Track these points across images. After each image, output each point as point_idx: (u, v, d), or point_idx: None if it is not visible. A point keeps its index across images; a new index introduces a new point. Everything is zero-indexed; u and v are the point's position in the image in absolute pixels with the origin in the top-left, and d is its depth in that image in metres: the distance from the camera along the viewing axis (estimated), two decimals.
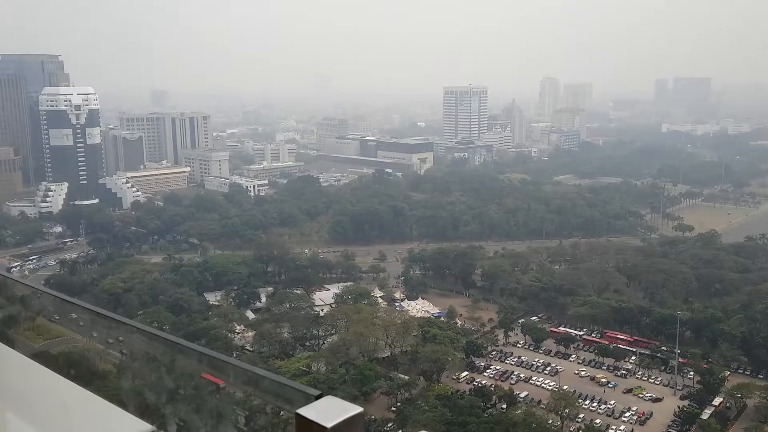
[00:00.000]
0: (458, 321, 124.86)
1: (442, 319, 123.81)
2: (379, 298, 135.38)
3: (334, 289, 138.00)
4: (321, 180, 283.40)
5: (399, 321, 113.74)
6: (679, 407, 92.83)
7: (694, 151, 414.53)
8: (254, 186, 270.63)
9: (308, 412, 3.77)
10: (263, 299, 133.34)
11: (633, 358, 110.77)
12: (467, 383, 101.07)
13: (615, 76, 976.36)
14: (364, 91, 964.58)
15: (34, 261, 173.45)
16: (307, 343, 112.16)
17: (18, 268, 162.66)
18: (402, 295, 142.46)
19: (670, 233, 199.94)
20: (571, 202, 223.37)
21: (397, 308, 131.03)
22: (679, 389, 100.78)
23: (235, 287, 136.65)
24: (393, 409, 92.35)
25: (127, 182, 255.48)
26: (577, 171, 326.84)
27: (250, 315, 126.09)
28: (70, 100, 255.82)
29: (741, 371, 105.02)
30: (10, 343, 6.15)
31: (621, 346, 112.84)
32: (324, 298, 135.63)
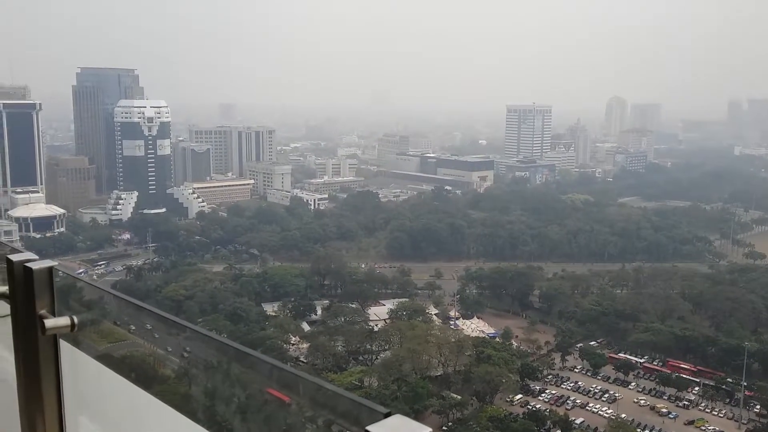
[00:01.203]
0: (514, 342, 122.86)
1: (497, 339, 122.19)
2: (434, 316, 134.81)
3: (389, 304, 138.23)
4: (380, 195, 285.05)
5: (453, 339, 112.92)
6: None
7: (767, 176, 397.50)
8: (314, 200, 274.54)
9: (378, 429, 3.74)
10: (319, 312, 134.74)
11: (696, 388, 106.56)
12: (521, 406, 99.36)
13: (686, 96, 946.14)
14: (426, 108, 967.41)
15: (103, 266, 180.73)
16: (360, 358, 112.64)
17: (85, 272, 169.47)
18: (457, 313, 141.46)
19: (740, 260, 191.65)
20: (636, 225, 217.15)
21: (452, 326, 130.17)
22: (743, 423, 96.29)
23: (292, 299, 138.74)
24: (444, 428, 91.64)
25: (193, 193, 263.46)
26: (643, 193, 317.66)
27: (306, 327, 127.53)
28: (143, 113, 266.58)
29: None
30: (77, 345, 6.58)
31: (684, 376, 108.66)
32: (379, 313, 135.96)
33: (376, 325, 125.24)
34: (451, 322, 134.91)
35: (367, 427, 3.85)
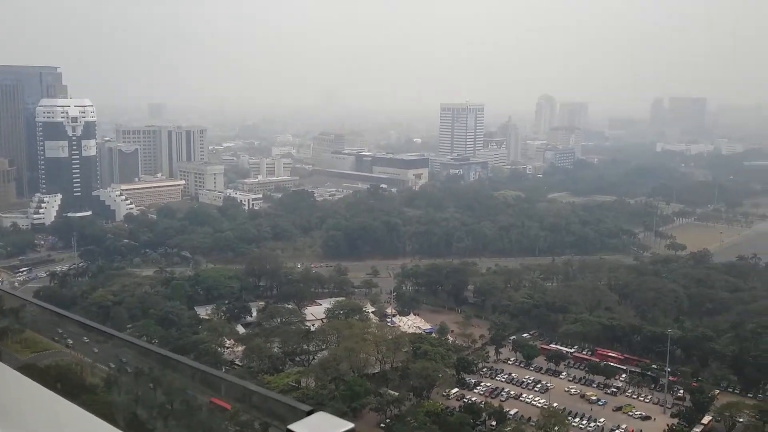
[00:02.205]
0: (449, 337, 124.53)
1: (433, 335, 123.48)
2: (371, 314, 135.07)
3: (326, 304, 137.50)
4: (315, 195, 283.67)
5: (390, 337, 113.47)
6: (668, 425, 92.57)
7: (688, 171, 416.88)
8: (248, 200, 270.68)
9: (299, 428, 3.72)
10: (254, 313, 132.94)
11: (623, 375, 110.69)
12: (457, 400, 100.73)
13: (611, 95, 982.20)
14: (363, 107, 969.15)
15: (25, 273, 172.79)
16: (297, 359, 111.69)
17: (3, 281, 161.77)
18: (394, 310, 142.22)
19: (663, 252, 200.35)
20: (565, 219, 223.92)
21: (389, 324, 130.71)
22: (668, 407, 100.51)
23: (226, 301, 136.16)
24: (382, 425, 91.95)
25: (121, 194, 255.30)
26: (572, 189, 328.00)
27: (241, 329, 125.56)
28: (66, 112, 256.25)
29: (731, 390, 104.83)
30: None
31: (611, 364, 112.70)
32: (315, 313, 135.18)
33: (313, 325, 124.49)
34: (388, 320, 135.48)
35: (289, 426, 3.77)
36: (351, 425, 3.94)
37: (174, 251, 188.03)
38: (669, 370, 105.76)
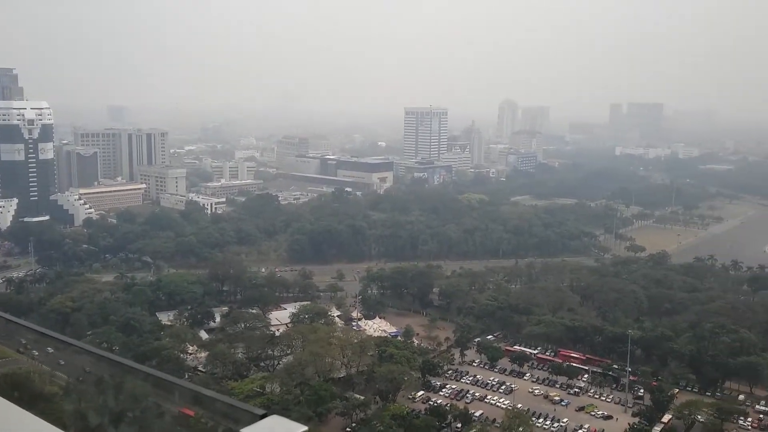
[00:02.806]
0: (415, 340, 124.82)
1: (399, 338, 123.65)
2: (336, 318, 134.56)
3: (291, 308, 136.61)
4: (280, 198, 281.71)
5: (356, 340, 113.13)
6: (629, 424, 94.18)
7: (646, 174, 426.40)
8: (211, 204, 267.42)
9: (252, 431, 3.74)
10: (218, 319, 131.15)
11: (585, 376, 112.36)
12: (423, 403, 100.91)
13: (571, 100, 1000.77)
14: (327, 110, 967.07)
15: None
16: (262, 364, 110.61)
17: None
18: (359, 314, 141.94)
19: (623, 253, 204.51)
20: (528, 222, 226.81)
21: (354, 328, 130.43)
22: (629, 407, 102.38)
23: (189, 307, 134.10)
24: (348, 429, 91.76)
25: (80, 199, 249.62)
26: (534, 192, 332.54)
27: (204, 335, 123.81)
28: (23, 115, 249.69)
29: (689, 389, 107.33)
30: None
31: (574, 365, 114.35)
32: (280, 317, 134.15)
33: (278, 330, 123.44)
34: (354, 323, 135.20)
35: (242, 430, 3.78)
36: (304, 428, 3.96)
37: (135, 256, 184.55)
38: (630, 369, 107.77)
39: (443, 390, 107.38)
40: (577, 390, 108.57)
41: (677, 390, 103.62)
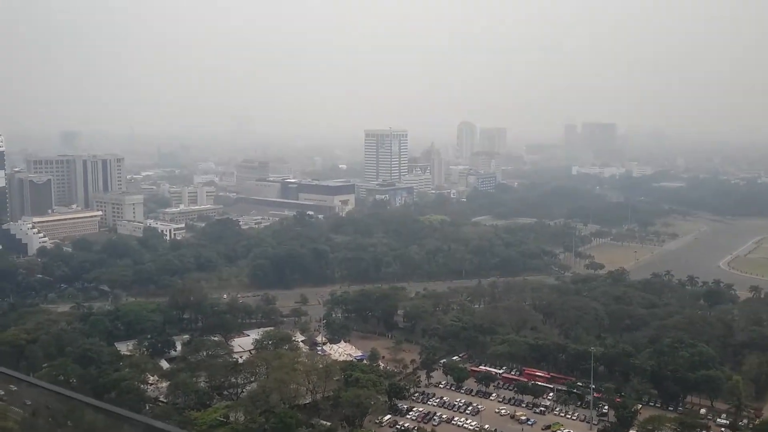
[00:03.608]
0: (381, 363, 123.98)
1: (364, 361, 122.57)
2: (301, 343, 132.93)
3: (254, 334, 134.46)
4: (241, 223, 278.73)
5: (321, 365, 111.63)
6: None
7: (602, 193, 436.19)
8: (170, 230, 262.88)
9: None
10: (179, 348, 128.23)
11: (551, 394, 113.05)
12: (390, 427, 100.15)
13: (528, 121, 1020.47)
14: (286, 132, 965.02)
15: None
16: (225, 392, 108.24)
17: None
18: (324, 338, 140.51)
19: (582, 271, 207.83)
20: (489, 242, 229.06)
21: (319, 352, 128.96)
22: (594, 424, 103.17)
23: (149, 336, 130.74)
24: None
25: (33, 227, 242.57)
26: (494, 212, 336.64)
27: (165, 364, 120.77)
28: None
29: (652, 404, 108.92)
30: None
31: (539, 383, 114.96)
32: (243, 344, 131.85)
33: (241, 357, 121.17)
34: (319, 348, 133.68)
35: None
36: None
37: (92, 285, 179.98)
38: (594, 386, 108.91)
39: (410, 413, 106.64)
40: (542, 409, 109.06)
41: (640, 406, 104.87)
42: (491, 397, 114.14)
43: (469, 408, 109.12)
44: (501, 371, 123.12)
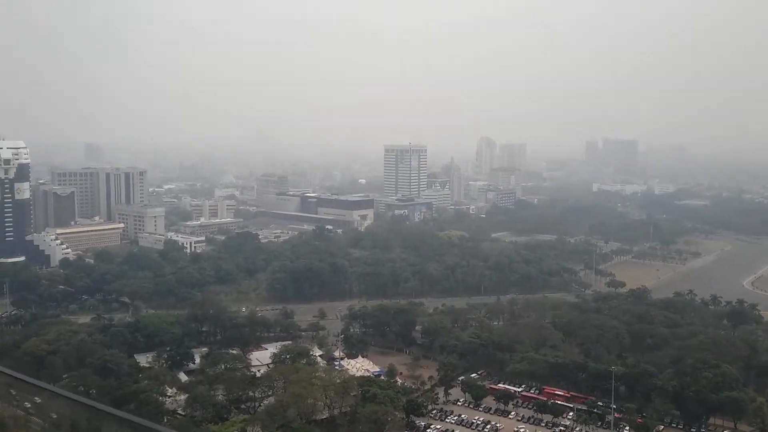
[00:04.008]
0: (398, 379, 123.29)
1: (382, 377, 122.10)
2: (318, 357, 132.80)
3: (272, 348, 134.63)
4: (260, 236, 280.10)
5: (338, 380, 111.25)
6: None
7: (623, 210, 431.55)
8: (190, 243, 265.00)
9: None
10: (197, 360, 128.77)
11: (571, 414, 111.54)
12: None
13: (548, 137, 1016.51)
14: (306, 146, 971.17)
15: None
16: (243, 406, 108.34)
17: None
18: (342, 353, 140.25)
19: (603, 289, 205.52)
20: (508, 258, 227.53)
21: (337, 367, 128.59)
22: None
23: (168, 348, 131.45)
24: None
25: (56, 239, 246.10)
26: (514, 228, 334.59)
27: (183, 377, 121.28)
28: None
29: (674, 425, 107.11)
30: None
31: (559, 402, 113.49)
32: (261, 358, 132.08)
33: (259, 371, 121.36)
34: (336, 363, 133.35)
35: None
36: None
37: (112, 297, 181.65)
38: (614, 406, 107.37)
39: (428, 430, 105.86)
40: (562, 428, 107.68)
41: (662, 426, 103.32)
42: (510, 416, 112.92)
43: (488, 426, 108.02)
44: (520, 389, 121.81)
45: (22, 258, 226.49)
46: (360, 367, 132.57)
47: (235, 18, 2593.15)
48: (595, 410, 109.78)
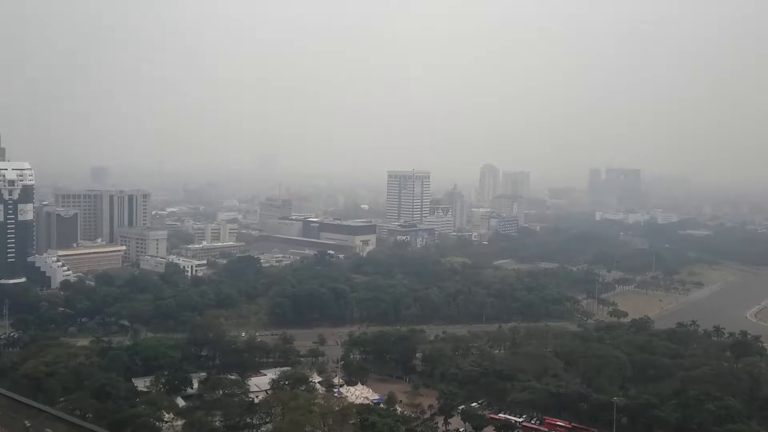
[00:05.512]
0: (398, 408, 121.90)
1: (381, 405, 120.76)
2: (318, 384, 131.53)
3: (271, 374, 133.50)
4: (262, 261, 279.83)
5: (337, 408, 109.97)
6: None
7: (626, 239, 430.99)
8: (192, 266, 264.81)
9: None
10: (195, 385, 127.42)
11: None
12: None
13: (552, 164, 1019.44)
14: (309, 171, 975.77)
15: None
16: None
17: None
18: (341, 380, 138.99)
19: (605, 318, 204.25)
20: (511, 286, 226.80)
21: (336, 394, 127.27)
22: None
23: (166, 372, 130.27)
24: None
25: (58, 260, 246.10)
26: (516, 256, 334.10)
27: (181, 402, 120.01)
28: (4, 175, 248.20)
29: None
30: None
31: None
32: (260, 383, 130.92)
33: (257, 397, 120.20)
34: (335, 390, 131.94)
35: None
36: None
37: (112, 320, 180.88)
38: None
39: None
40: None
41: None
42: None
43: None
44: (521, 420, 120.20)
45: (23, 279, 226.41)
46: (359, 394, 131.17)
47: (243, 42, 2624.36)
48: None
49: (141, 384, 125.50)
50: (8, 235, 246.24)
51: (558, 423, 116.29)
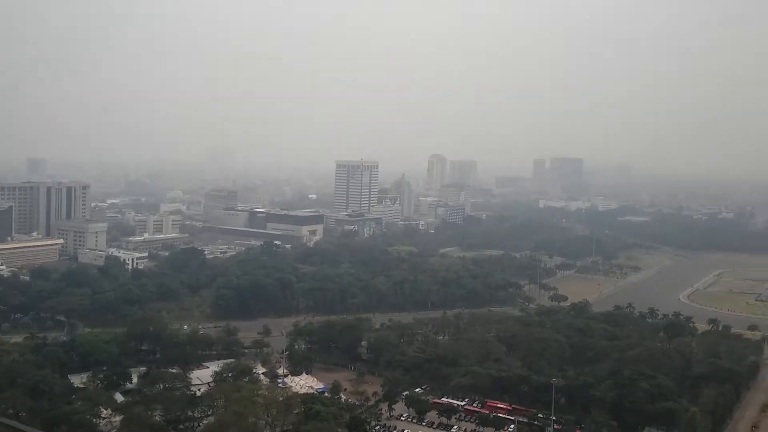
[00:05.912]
0: (342, 396, 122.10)
1: (326, 394, 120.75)
2: (262, 375, 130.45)
3: (214, 366, 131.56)
4: (206, 252, 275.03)
5: (281, 398, 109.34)
6: None
7: (568, 226, 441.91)
8: (132, 259, 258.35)
9: None
10: (135, 380, 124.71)
11: (512, 426, 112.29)
12: None
13: (498, 154, 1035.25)
14: (260, 162, 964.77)
15: None
16: (181, 426, 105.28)
17: None
18: (285, 370, 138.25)
19: (547, 303, 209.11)
20: (456, 273, 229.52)
21: (280, 385, 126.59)
22: None
23: (104, 368, 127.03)
24: None
25: None
26: (462, 243, 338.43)
27: (120, 397, 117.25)
28: None
29: None
30: None
31: (501, 415, 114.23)
32: (202, 376, 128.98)
33: (199, 390, 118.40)
34: (280, 380, 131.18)
35: None
36: None
37: (48, 315, 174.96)
38: (554, 418, 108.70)
39: None
40: None
41: None
42: (453, 430, 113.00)
43: None
44: (463, 403, 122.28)
45: None
46: (304, 384, 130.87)
47: (193, 35, 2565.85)
48: (535, 422, 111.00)
49: (77, 380, 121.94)
50: None
51: (499, 405, 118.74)
